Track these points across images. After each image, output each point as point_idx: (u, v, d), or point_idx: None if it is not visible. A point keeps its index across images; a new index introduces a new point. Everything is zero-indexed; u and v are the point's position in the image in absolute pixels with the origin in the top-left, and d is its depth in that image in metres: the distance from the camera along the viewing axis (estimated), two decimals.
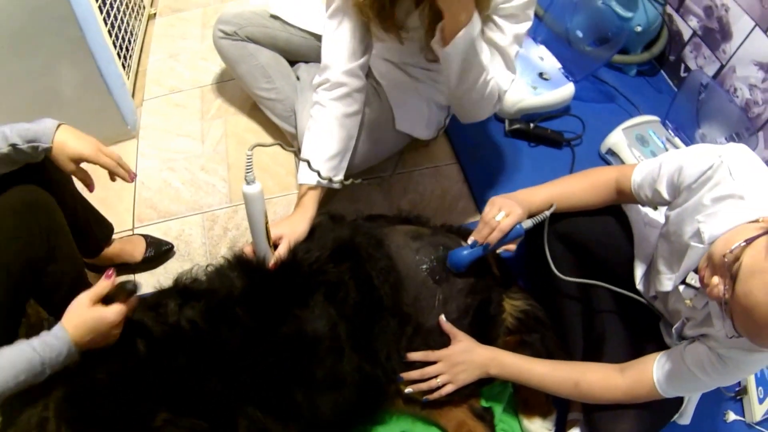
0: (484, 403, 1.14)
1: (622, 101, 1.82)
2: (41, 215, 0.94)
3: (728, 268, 0.70)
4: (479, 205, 1.46)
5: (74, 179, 1.00)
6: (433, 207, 1.46)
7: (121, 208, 1.45)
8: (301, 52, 1.54)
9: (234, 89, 1.72)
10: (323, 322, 0.92)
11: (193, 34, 1.94)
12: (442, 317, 1.04)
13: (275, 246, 1.02)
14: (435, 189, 1.51)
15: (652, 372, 0.91)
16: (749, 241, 0.69)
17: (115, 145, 1.59)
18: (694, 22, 1.79)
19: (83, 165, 0.95)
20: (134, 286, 0.85)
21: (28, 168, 0.93)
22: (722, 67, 1.69)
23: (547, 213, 1.03)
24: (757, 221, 0.75)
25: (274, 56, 1.50)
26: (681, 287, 0.88)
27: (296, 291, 0.94)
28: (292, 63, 1.54)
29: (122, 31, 1.71)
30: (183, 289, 0.91)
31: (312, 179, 1.13)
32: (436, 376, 1.02)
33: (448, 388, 1.03)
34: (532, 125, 1.63)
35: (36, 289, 0.99)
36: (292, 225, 1.07)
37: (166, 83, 1.77)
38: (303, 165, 1.14)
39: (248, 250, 1.01)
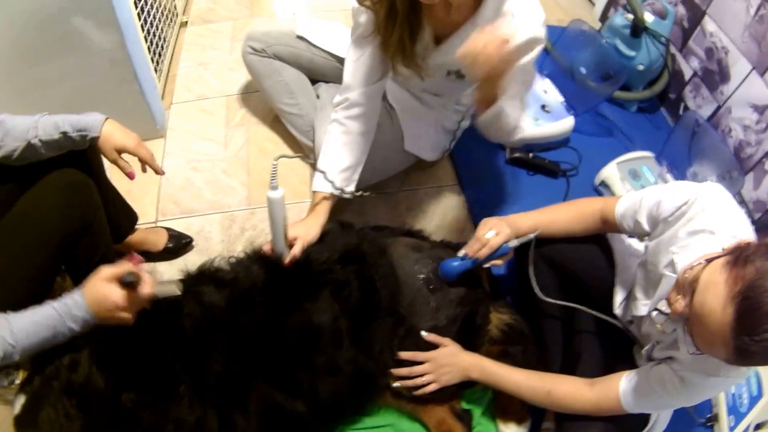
0: (464, 405, 1.27)
1: (620, 136, 1.97)
2: (81, 194, 1.08)
3: (689, 285, 0.79)
4: (476, 226, 1.60)
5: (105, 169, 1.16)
6: (433, 224, 1.61)
7: (146, 201, 1.61)
8: (322, 72, 1.71)
9: (258, 101, 1.89)
10: (327, 315, 1.07)
11: (223, 45, 2.12)
12: (423, 333, 1.17)
13: (290, 246, 1.18)
14: (436, 208, 1.67)
15: (618, 387, 1.01)
16: (709, 261, 0.79)
17: (146, 140, 1.74)
18: (695, 63, 1.93)
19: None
20: (132, 278, 0.92)
21: (70, 155, 1.08)
22: (719, 107, 1.82)
23: (531, 236, 1.16)
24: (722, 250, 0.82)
25: (297, 74, 1.67)
26: (654, 313, 0.97)
27: (307, 286, 1.10)
28: (314, 82, 1.72)
29: (156, 36, 1.89)
30: (213, 276, 1.06)
31: (326, 188, 1.29)
32: (422, 375, 1.15)
33: (432, 387, 1.15)
34: (531, 155, 1.78)
35: (69, 259, 1.12)
36: (306, 228, 1.22)
37: (195, 90, 1.95)
38: (319, 175, 1.31)
39: (267, 248, 1.17)
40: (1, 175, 1.07)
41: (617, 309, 1.15)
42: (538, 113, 1.84)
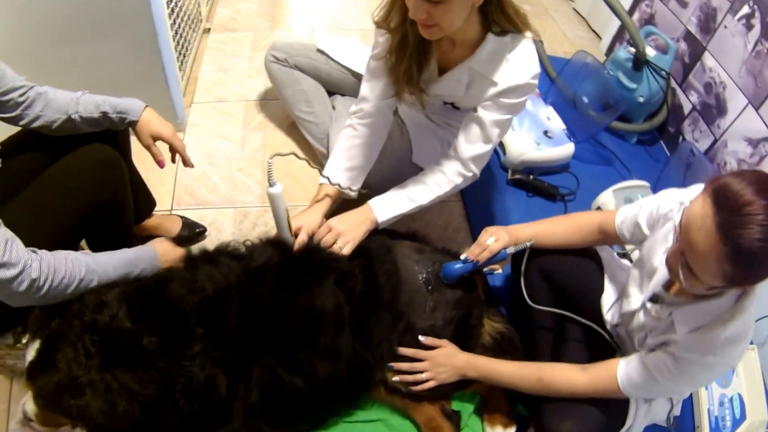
0: (454, 407, 1.35)
1: (618, 166, 2.10)
2: (113, 170, 1.18)
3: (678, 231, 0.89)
4: (475, 239, 1.72)
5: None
6: (435, 236, 1.72)
7: (162, 190, 1.73)
8: (339, 85, 1.85)
9: (275, 108, 2.03)
10: (331, 300, 1.17)
11: (244, 53, 2.27)
12: (421, 337, 1.26)
13: (295, 236, 1.29)
14: (439, 220, 1.79)
15: (615, 370, 1.06)
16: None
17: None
18: (694, 98, 2.07)
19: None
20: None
21: (103, 134, 1.19)
22: (715, 141, 1.94)
23: (527, 244, 1.28)
24: None
25: (315, 85, 1.82)
26: (648, 304, 1.09)
27: (314, 271, 1.21)
28: (330, 94, 1.86)
29: (181, 38, 2.04)
30: (230, 252, 1.18)
31: (330, 182, 1.42)
32: (421, 372, 1.24)
33: (430, 384, 1.23)
34: (531, 177, 1.91)
35: (92, 229, 1.20)
36: (308, 217, 1.35)
37: (215, 92, 2.09)
38: (326, 170, 1.44)
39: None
40: (37, 144, 1.18)
41: (606, 314, 1.25)
42: (540, 138, 1.97)
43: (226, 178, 1.81)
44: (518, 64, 1.32)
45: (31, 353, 0.99)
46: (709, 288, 0.89)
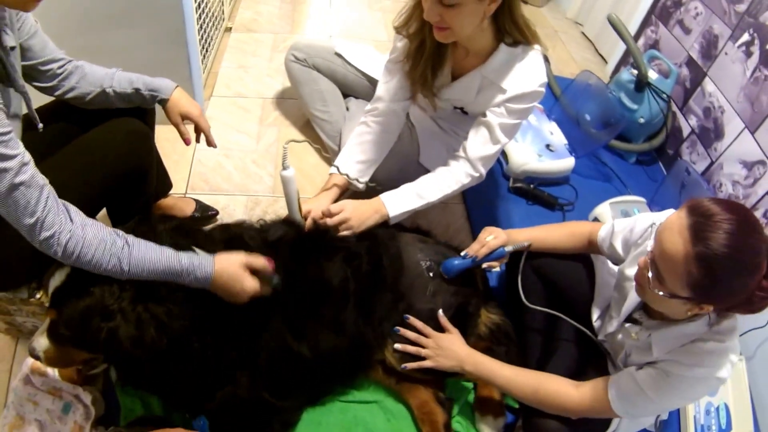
0: (449, 394, 1.42)
1: (617, 182, 2.22)
2: (143, 143, 1.27)
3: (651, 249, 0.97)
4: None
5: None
6: (437, 234, 1.79)
7: (178, 176, 1.84)
8: (353, 88, 1.99)
9: (291, 107, 2.17)
10: (339, 275, 1.27)
11: (263, 53, 2.42)
12: (440, 312, 1.35)
13: (305, 218, 1.41)
14: (441, 221, 1.90)
15: (606, 388, 1.09)
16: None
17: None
18: (693, 121, 2.19)
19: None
20: (278, 283, 1.12)
21: (131, 111, 1.28)
22: (712, 163, 2.05)
23: (525, 244, 1.38)
24: None
25: (331, 86, 1.96)
26: (627, 324, 1.16)
27: (323, 248, 1.32)
28: (345, 96, 1.99)
29: (205, 33, 2.17)
30: (250, 226, 1.29)
31: (340, 172, 1.54)
32: (423, 348, 1.29)
33: (427, 363, 1.28)
34: (532, 186, 2.03)
35: (115, 198, 1.26)
36: (317, 202, 1.48)
37: (233, 87, 2.22)
38: (337, 161, 1.56)
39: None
40: (70, 116, 1.27)
41: (595, 321, 1.32)
42: (542, 151, 2.10)
43: (239, 168, 1.93)
44: (526, 73, 1.44)
45: (56, 280, 1.01)
46: (672, 295, 0.94)
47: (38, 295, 1.21)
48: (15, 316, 1.30)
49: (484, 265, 1.39)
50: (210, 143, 1.39)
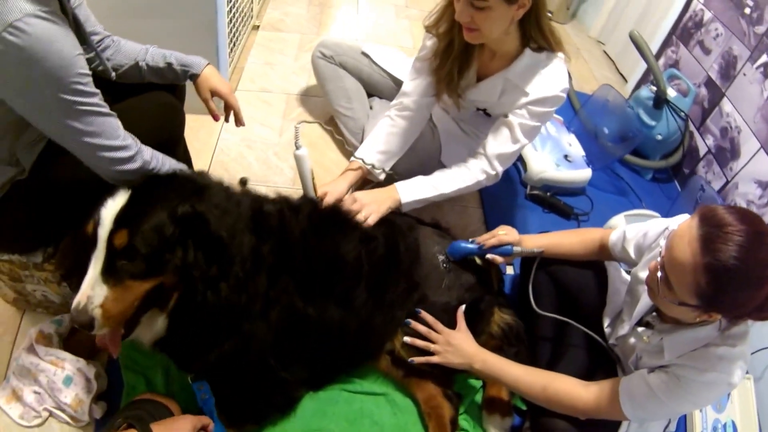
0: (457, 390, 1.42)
1: (632, 197, 2.25)
2: (175, 116, 1.30)
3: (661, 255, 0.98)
4: None
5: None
6: (454, 234, 1.85)
7: (199, 164, 1.86)
8: (378, 88, 2.03)
9: (315, 104, 2.21)
10: (353, 253, 1.29)
11: (289, 52, 2.47)
12: (461, 308, 1.36)
13: (320, 199, 1.44)
14: (458, 223, 1.92)
15: (617, 389, 1.08)
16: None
17: (206, 116, 1.99)
18: (710, 141, 2.21)
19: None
20: None
21: (163, 88, 1.32)
22: (727, 182, 2.07)
23: (537, 251, 1.40)
24: None
25: (357, 84, 2.00)
26: (640, 328, 1.17)
27: (341, 225, 1.34)
28: (369, 95, 2.03)
29: (234, 27, 2.22)
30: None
31: (360, 159, 1.59)
32: (432, 343, 1.30)
33: (435, 359, 1.29)
34: (549, 194, 2.06)
35: None
36: (335, 185, 1.52)
37: (258, 82, 2.28)
38: (360, 149, 1.60)
39: None
40: (100, 87, 1.29)
41: (606, 328, 1.33)
42: (560, 161, 2.13)
43: (261, 160, 1.96)
44: (549, 78, 1.48)
45: (114, 205, 1.00)
46: (680, 303, 0.94)
47: (52, 260, 1.22)
48: (26, 284, 1.29)
49: (488, 256, 1.41)
50: (238, 121, 1.42)
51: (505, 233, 1.40)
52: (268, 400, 1.25)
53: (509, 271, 1.79)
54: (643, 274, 1.15)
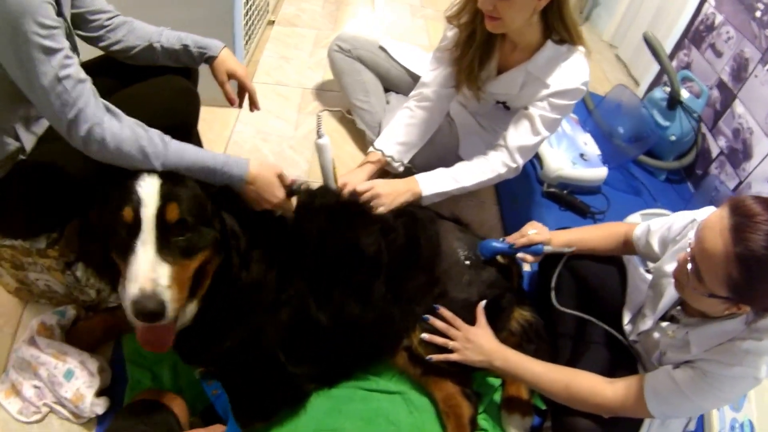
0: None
1: (647, 197, 2.16)
2: (191, 100, 1.22)
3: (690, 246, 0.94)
4: None
5: None
6: (473, 232, 1.74)
7: None
8: (395, 83, 1.94)
9: (332, 99, 2.12)
10: (373, 245, 1.20)
11: (305, 47, 2.39)
12: (482, 304, 1.27)
13: (340, 190, 1.36)
14: (475, 218, 1.83)
15: (642, 386, 1.03)
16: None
17: (220, 107, 1.86)
18: (722, 142, 2.14)
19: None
20: (300, 190, 1.16)
21: (178, 72, 1.23)
22: (740, 183, 2.00)
23: (567, 250, 1.32)
24: None
25: (374, 78, 1.91)
26: (664, 323, 1.10)
27: (361, 217, 1.26)
28: (386, 90, 1.94)
29: (250, 20, 2.14)
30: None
31: (379, 150, 1.52)
32: (450, 340, 1.22)
33: (454, 356, 1.21)
34: (565, 192, 1.96)
35: None
36: (354, 175, 1.46)
37: (274, 76, 2.18)
38: (377, 140, 1.53)
39: None
40: (112, 72, 1.22)
41: (626, 325, 1.26)
42: (576, 159, 2.04)
43: (276, 153, 1.87)
44: (570, 71, 1.42)
45: (153, 184, 0.91)
46: (711, 294, 0.90)
47: (57, 246, 1.12)
48: (28, 272, 1.20)
49: (519, 255, 1.34)
50: (254, 104, 1.34)
51: (536, 232, 1.31)
52: (276, 395, 1.17)
53: (526, 267, 1.67)
54: (668, 268, 1.10)
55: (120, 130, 0.91)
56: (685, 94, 2.17)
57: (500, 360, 1.19)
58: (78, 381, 1.12)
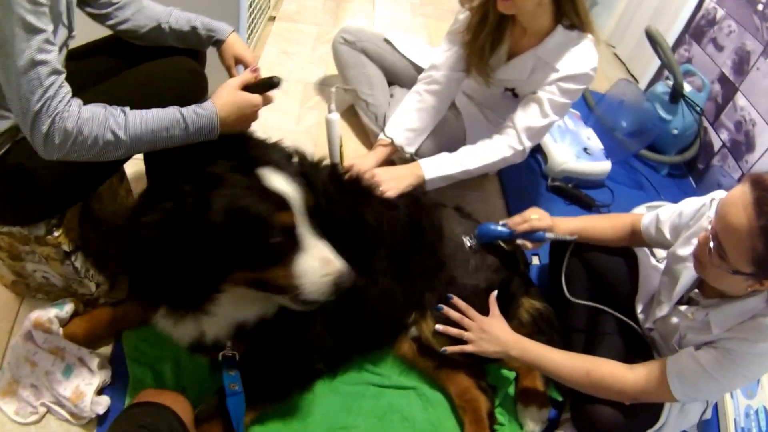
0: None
1: (650, 190, 2.12)
2: (200, 82, 1.15)
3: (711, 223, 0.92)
4: None
5: None
6: (475, 220, 1.69)
7: None
8: (399, 76, 1.88)
9: (335, 93, 2.01)
10: (375, 216, 1.14)
11: (307, 42, 2.33)
12: (494, 293, 1.22)
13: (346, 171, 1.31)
14: (481, 211, 1.77)
15: (664, 370, 1.00)
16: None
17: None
18: (724, 135, 2.12)
19: None
20: (278, 80, 1.01)
21: (185, 54, 1.17)
22: (743, 175, 1.98)
23: (570, 238, 1.27)
24: None
25: (378, 72, 1.86)
26: (682, 307, 1.07)
27: (363, 192, 1.20)
28: (390, 84, 1.88)
29: (252, 15, 2.07)
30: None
31: (389, 136, 1.48)
32: (465, 331, 1.17)
33: (470, 348, 1.16)
34: (570, 185, 1.92)
35: None
36: (361, 159, 1.44)
37: (275, 71, 2.08)
38: (387, 126, 1.50)
39: None
40: (119, 53, 1.16)
41: (639, 314, 1.23)
42: (580, 153, 2.00)
43: None
44: (580, 55, 1.40)
45: (276, 179, 0.84)
46: (734, 271, 0.88)
47: (56, 234, 1.05)
48: (26, 262, 1.12)
49: (519, 241, 1.28)
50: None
51: (538, 218, 1.26)
52: (291, 374, 1.11)
53: (535, 261, 1.61)
54: (682, 252, 1.09)
55: (78, 115, 0.82)
56: (686, 88, 2.14)
57: (517, 350, 1.14)
58: (77, 378, 1.05)
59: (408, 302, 1.20)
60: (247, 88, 0.98)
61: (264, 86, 1.01)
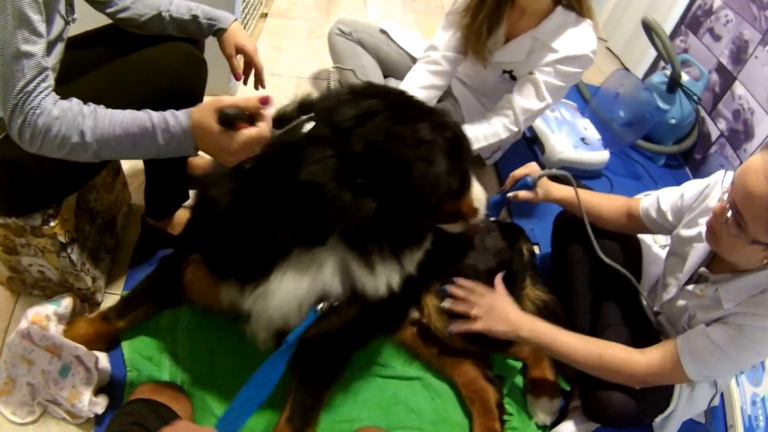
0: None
1: (647, 180, 2.13)
2: (199, 66, 1.12)
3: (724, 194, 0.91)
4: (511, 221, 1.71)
5: None
6: None
7: None
8: (395, 68, 1.87)
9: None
10: None
11: (299, 38, 2.32)
12: (499, 275, 1.19)
13: None
14: None
15: (676, 350, 0.99)
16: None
17: (214, 97, 1.84)
18: (722, 125, 2.13)
19: None
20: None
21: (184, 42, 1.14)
22: (741, 164, 1.96)
23: (555, 171, 1.28)
24: None
25: (374, 63, 1.85)
26: (691, 286, 1.05)
27: None
28: (385, 76, 1.87)
29: (243, 14, 2.05)
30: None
31: None
32: (472, 308, 1.11)
33: (478, 325, 1.09)
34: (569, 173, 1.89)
35: None
36: None
37: (268, 66, 2.07)
38: None
39: None
40: (117, 41, 1.14)
41: (644, 300, 1.21)
42: (578, 143, 2.00)
43: None
44: (579, 38, 1.40)
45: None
46: (753, 241, 0.86)
47: (52, 224, 1.02)
48: (21, 256, 1.09)
49: (509, 194, 1.29)
50: (259, 82, 1.28)
51: (521, 169, 1.29)
52: (343, 358, 1.15)
53: (535, 250, 1.61)
54: (687, 233, 1.08)
55: (49, 112, 0.78)
56: (684, 77, 2.14)
57: (527, 330, 1.09)
58: (74, 378, 1.02)
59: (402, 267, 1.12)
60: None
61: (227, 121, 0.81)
